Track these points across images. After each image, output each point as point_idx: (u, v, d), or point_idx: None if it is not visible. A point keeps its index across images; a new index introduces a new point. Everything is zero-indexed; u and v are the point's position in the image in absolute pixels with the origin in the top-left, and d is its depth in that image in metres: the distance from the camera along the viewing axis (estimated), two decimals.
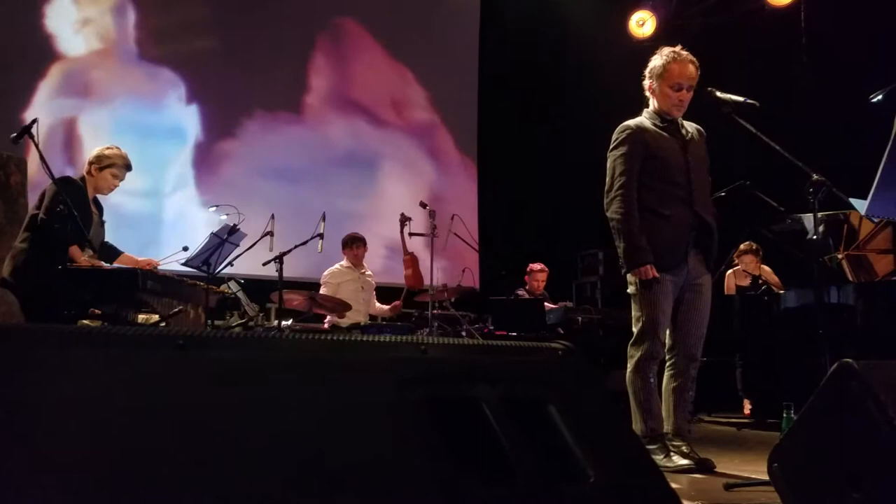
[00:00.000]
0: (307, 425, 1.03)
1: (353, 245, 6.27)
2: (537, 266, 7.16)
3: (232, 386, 1.00)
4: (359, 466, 1.02)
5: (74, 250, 3.87)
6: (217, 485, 0.91)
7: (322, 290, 6.05)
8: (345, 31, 8.47)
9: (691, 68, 3.48)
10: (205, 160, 7.69)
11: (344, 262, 6.29)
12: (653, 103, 3.57)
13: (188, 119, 7.66)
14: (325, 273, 6.24)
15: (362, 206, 8.17)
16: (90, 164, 4.16)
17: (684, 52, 3.50)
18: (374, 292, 6.44)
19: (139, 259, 4.30)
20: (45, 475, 0.82)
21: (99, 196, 4.26)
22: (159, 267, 4.26)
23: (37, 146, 3.68)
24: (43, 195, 3.93)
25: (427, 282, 5.81)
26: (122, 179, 4.23)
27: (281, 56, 8.03)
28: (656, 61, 3.52)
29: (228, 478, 0.91)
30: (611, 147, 3.56)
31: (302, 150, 8.09)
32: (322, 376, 1.11)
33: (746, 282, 6.17)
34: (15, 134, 3.70)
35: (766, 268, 6.27)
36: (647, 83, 3.57)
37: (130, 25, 7.42)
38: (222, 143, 7.77)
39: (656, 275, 3.37)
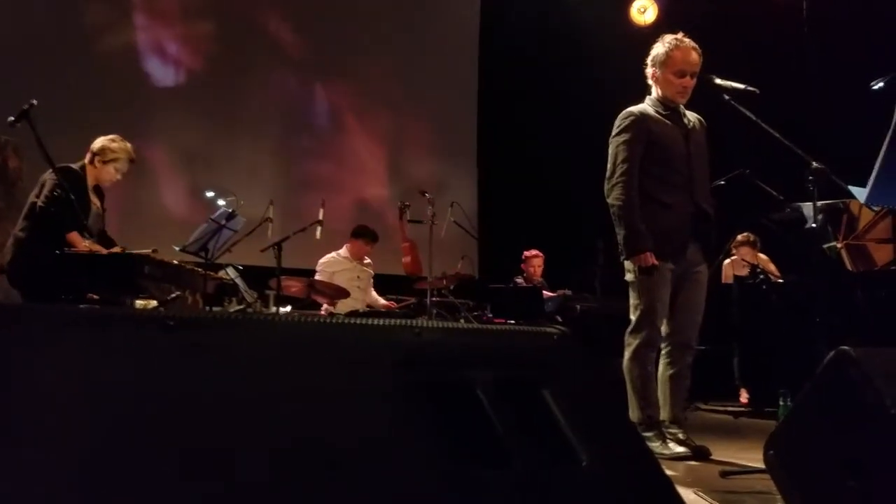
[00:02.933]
0: (301, 408, 1.03)
1: (365, 240, 6.12)
2: (531, 252, 7.16)
3: (223, 367, 0.99)
4: (353, 449, 1.01)
5: (74, 236, 3.84)
6: (210, 466, 0.90)
7: (317, 278, 6.01)
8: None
9: (694, 55, 3.47)
10: None
11: (342, 252, 6.18)
12: (655, 91, 3.55)
13: None
14: (321, 261, 6.14)
15: (358, 196, 8.18)
16: (94, 155, 4.09)
17: (687, 39, 3.49)
18: (373, 281, 6.39)
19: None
20: (34, 455, 0.81)
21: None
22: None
23: (34, 130, 3.62)
24: (42, 183, 3.91)
25: (425, 269, 5.77)
26: (124, 172, 4.20)
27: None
28: (658, 49, 3.50)
29: (220, 459, 0.91)
30: (613, 133, 3.54)
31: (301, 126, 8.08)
32: (316, 358, 1.10)
33: (744, 272, 6.14)
34: (13, 118, 3.65)
35: (763, 256, 6.25)
36: (649, 71, 3.55)
37: None
38: None
39: (655, 262, 3.36)
